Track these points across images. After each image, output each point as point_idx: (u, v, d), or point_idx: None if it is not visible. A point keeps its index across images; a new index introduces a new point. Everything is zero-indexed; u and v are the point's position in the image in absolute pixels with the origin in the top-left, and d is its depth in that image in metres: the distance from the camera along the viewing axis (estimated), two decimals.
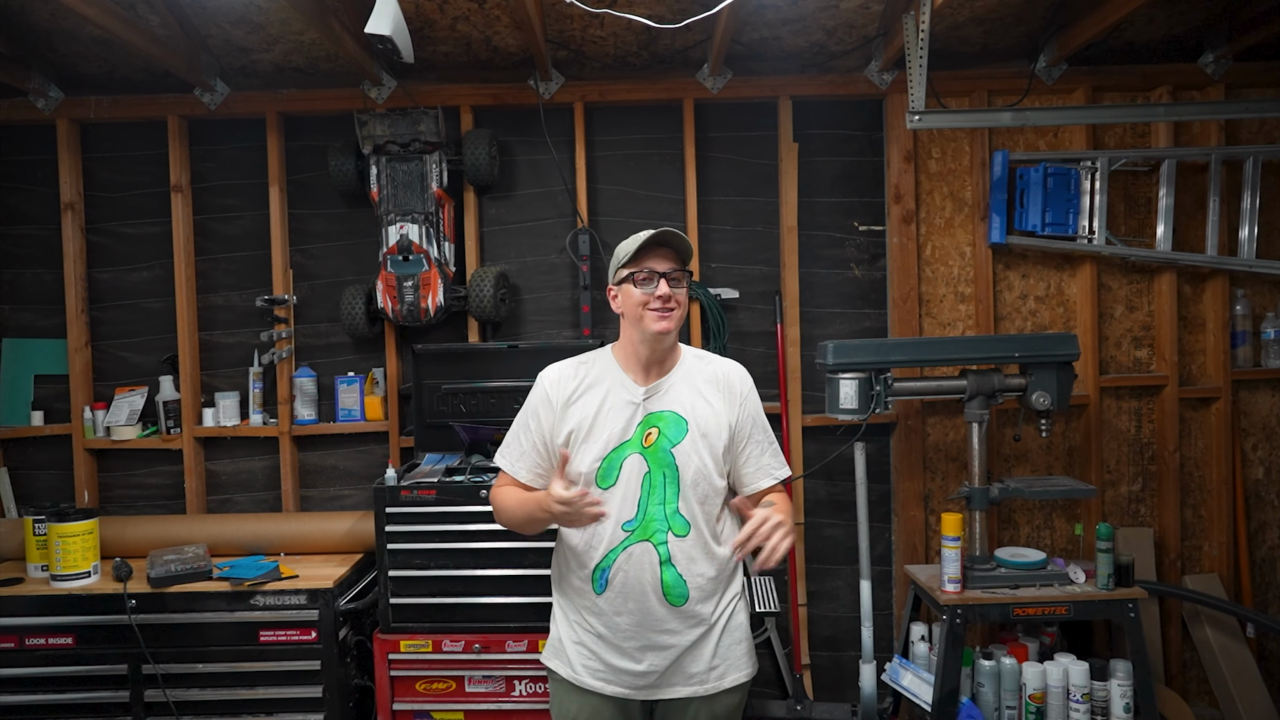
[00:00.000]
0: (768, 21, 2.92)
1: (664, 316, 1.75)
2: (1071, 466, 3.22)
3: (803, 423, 3.19)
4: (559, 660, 1.86)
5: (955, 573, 2.61)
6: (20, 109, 3.14)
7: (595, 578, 1.78)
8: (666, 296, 1.75)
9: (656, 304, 1.75)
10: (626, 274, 1.78)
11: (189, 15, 2.84)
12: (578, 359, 1.91)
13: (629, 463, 1.77)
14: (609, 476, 1.77)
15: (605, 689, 1.79)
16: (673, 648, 1.77)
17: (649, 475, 1.77)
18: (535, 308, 3.26)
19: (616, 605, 1.77)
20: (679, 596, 1.76)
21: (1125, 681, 2.59)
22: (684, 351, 1.90)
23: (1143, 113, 3.08)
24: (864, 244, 3.26)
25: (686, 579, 1.76)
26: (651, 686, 1.79)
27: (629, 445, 1.78)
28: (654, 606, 1.75)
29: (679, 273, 1.78)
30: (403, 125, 2.99)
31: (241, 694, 2.67)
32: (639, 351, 1.82)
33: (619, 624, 1.77)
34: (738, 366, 1.91)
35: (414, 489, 2.66)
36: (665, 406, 1.81)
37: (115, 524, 2.95)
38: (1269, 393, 3.25)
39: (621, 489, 1.76)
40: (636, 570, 1.75)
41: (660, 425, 1.79)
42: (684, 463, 1.77)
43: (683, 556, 1.76)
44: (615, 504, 1.76)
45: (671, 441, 1.77)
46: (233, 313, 3.26)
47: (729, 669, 1.82)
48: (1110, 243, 3.10)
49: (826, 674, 3.25)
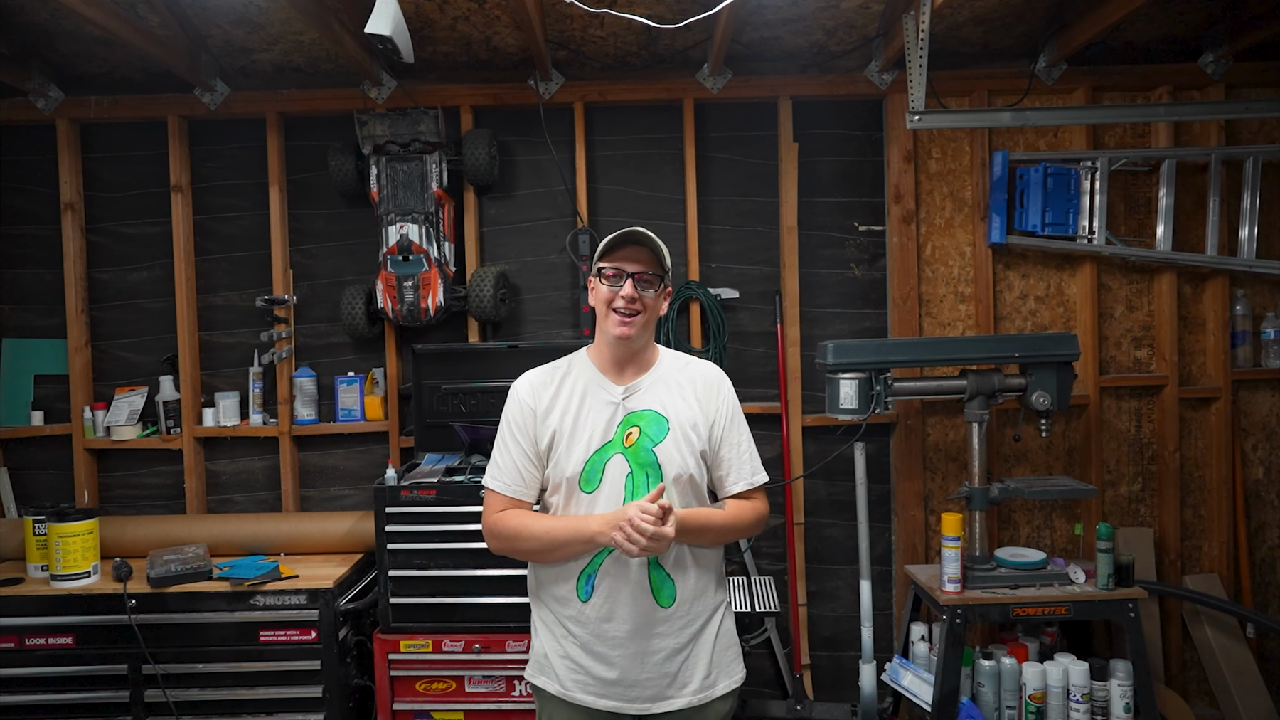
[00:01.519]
0: (768, 21, 2.92)
1: (624, 322, 1.71)
2: (1071, 466, 3.22)
3: (803, 423, 3.19)
4: (545, 676, 1.79)
5: (955, 573, 2.61)
6: (20, 109, 3.14)
7: (580, 585, 1.73)
8: (631, 298, 1.70)
9: (620, 303, 1.71)
10: (598, 268, 1.76)
11: (189, 15, 2.84)
12: (551, 365, 1.85)
13: (612, 464, 1.72)
14: (593, 480, 1.72)
15: (597, 703, 1.74)
16: (663, 651, 1.72)
17: (631, 476, 1.72)
18: (535, 308, 3.26)
19: (604, 612, 1.71)
20: (668, 597, 1.73)
21: (1125, 681, 2.59)
22: (661, 353, 1.87)
23: (1143, 113, 3.08)
24: (864, 244, 3.26)
25: (675, 579, 1.73)
26: (643, 699, 1.73)
27: (611, 446, 1.74)
28: (644, 610, 1.71)
29: (649, 275, 1.73)
30: (403, 125, 2.99)
31: (241, 694, 2.67)
32: (610, 351, 1.79)
33: (607, 630, 1.71)
34: (715, 368, 1.87)
35: (414, 489, 2.66)
36: (645, 405, 1.77)
37: (115, 524, 2.95)
38: (1269, 393, 3.24)
39: (606, 491, 1.72)
40: (623, 574, 1.71)
41: (641, 424, 1.75)
42: (666, 461, 1.73)
43: (669, 557, 1.72)
44: (600, 507, 1.71)
45: (653, 440, 1.74)
46: (233, 313, 3.26)
47: (720, 676, 1.79)
48: (1110, 243, 3.10)
49: (826, 674, 3.24)
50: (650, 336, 1.83)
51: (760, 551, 3.23)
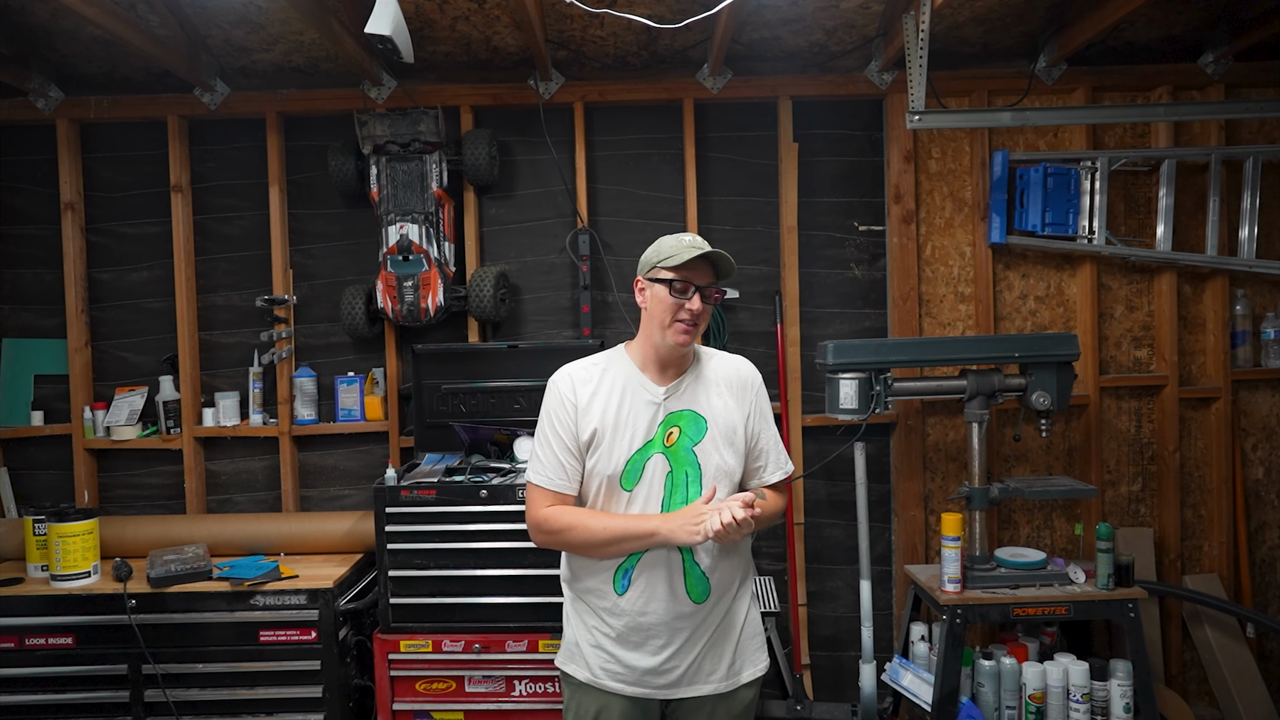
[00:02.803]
0: (768, 21, 2.92)
1: (688, 330, 1.77)
2: (1071, 466, 3.22)
3: (803, 423, 3.19)
4: (575, 664, 1.87)
5: (955, 573, 2.61)
6: (20, 109, 3.14)
7: (617, 578, 1.79)
8: (698, 312, 1.76)
9: (685, 315, 1.75)
10: (666, 277, 1.76)
11: (189, 15, 2.84)
12: (590, 360, 1.89)
13: (652, 463, 1.79)
14: (633, 477, 1.79)
15: (626, 690, 1.80)
16: (696, 644, 1.79)
17: (671, 474, 1.79)
18: (535, 308, 3.26)
19: (640, 605, 1.77)
20: (702, 594, 1.79)
21: (1125, 681, 2.59)
22: (699, 350, 1.92)
23: (1143, 113, 3.08)
24: (864, 244, 3.26)
25: (709, 576, 1.79)
26: (672, 685, 1.80)
27: (652, 445, 1.79)
28: (678, 604, 1.77)
29: (717, 291, 1.81)
30: (403, 125, 2.99)
31: (241, 694, 2.67)
32: (658, 353, 1.82)
33: (643, 623, 1.78)
34: (747, 363, 1.93)
35: (414, 489, 2.66)
36: (685, 405, 1.82)
37: (115, 524, 2.95)
38: (1269, 393, 3.25)
39: (645, 489, 1.78)
40: (660, 569, 1.77)
41: (681, 424, 1.80)
42: (705, 461, 1.79)
43: (705, 554, 1.78)
44: (639, 504, 1.78)
45: (693, 440, 1.79)
46: (233, 313, 3.26)
47: (745, 664, 1.87)
48: (1110, 243, 3.10)
49: (826, 674, 3.24)
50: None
51: (760, 551, 3.23)
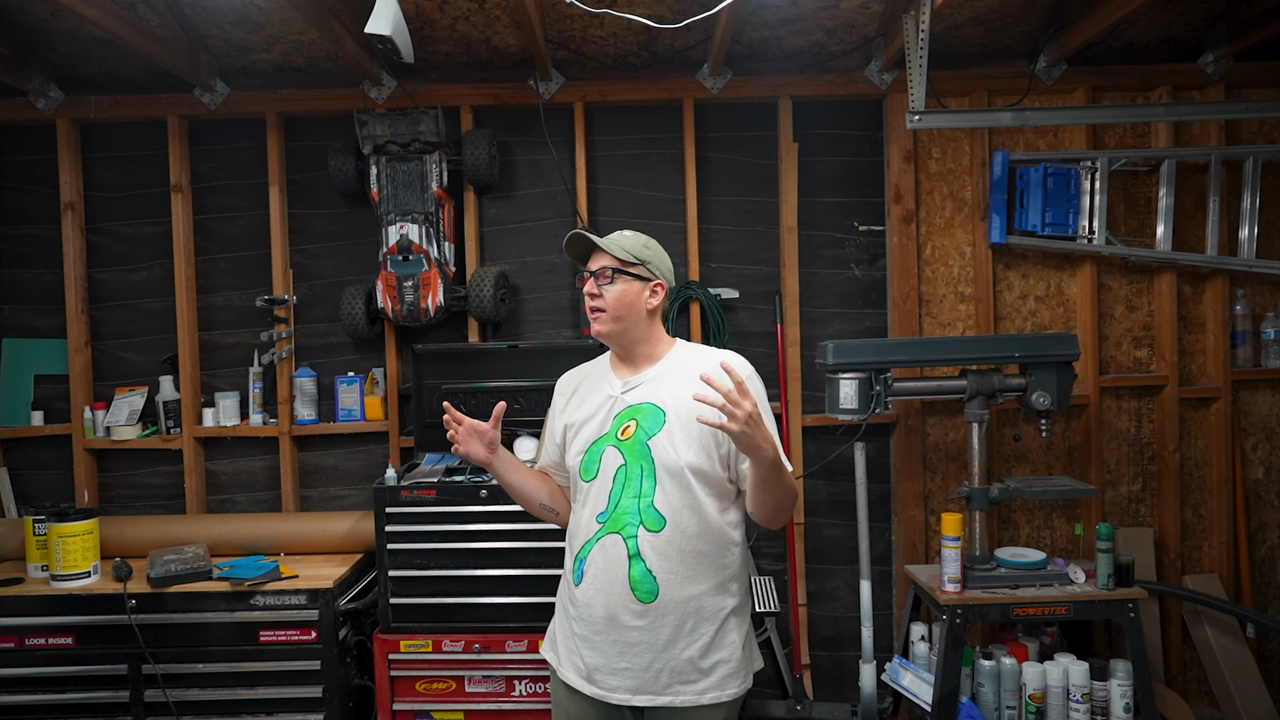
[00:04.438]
0: (768, 21, 2.92)
1: (595, 316, 1.81)
2: (1071, 466, 3.22)
3: (803, 423, 3.19)
4: (551, 651, 1.90)
5: (955, 573, 2.61)
6: (20, 109, 3.14)
7: (575, 568, 1.80)
8: (593, 294, 1.80)
9: (589, 302, 1.81)
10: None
11: (189, 15, 2.84)
12: (591, 361, 2.00)
13: (607, 455, 1.79)
14: (590, 470, 1.80)
15: (582, 687, 1.77)
16: (641, 644, 1.72)
17: (624, 468, 1.76)
18: (535, 308, 3.26)
19: (589, 597, 1.76)
20: (647, 593, 1.71)
21: (1125, 681, 2.59)
22: (676, 345, 1.88)
23: (1143, 113, 3.08)
24: (864, 244, 3.26)
25: (656, 575, 1.71)
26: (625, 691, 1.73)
27: (606, 439, 1.80)
28: (621, 600, 1.72)
29: (605, 270, 1.79)
30: (403, 125, 2.99)
31: (241, 694, 2.67)
32: (617, 347, 1.88)
33: (592, 616, 1.76)
34: (734, 356, 1.81)
35: (414, 489, 2.66)
36: (644, 399, 1.80)
37: (115, 524, 2.95)
38: (1269, 393, 3.24)
39: (599, 481, 1.79)
40: (608, 563, 1.74)
41: (638, 418, 1.78)
42: (659, 454, 1.73)
43: (653, 552, 1.71)
44: (594, 496, 1.79)
45: (648, 434, 1.76)
46: (233, 313, 3.26)
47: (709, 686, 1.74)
48: (1110, 243, 3.10)
49: (826, 674, 3.24)
50: (643, 330, 1.83)
51: (760, 551, 3.23)
